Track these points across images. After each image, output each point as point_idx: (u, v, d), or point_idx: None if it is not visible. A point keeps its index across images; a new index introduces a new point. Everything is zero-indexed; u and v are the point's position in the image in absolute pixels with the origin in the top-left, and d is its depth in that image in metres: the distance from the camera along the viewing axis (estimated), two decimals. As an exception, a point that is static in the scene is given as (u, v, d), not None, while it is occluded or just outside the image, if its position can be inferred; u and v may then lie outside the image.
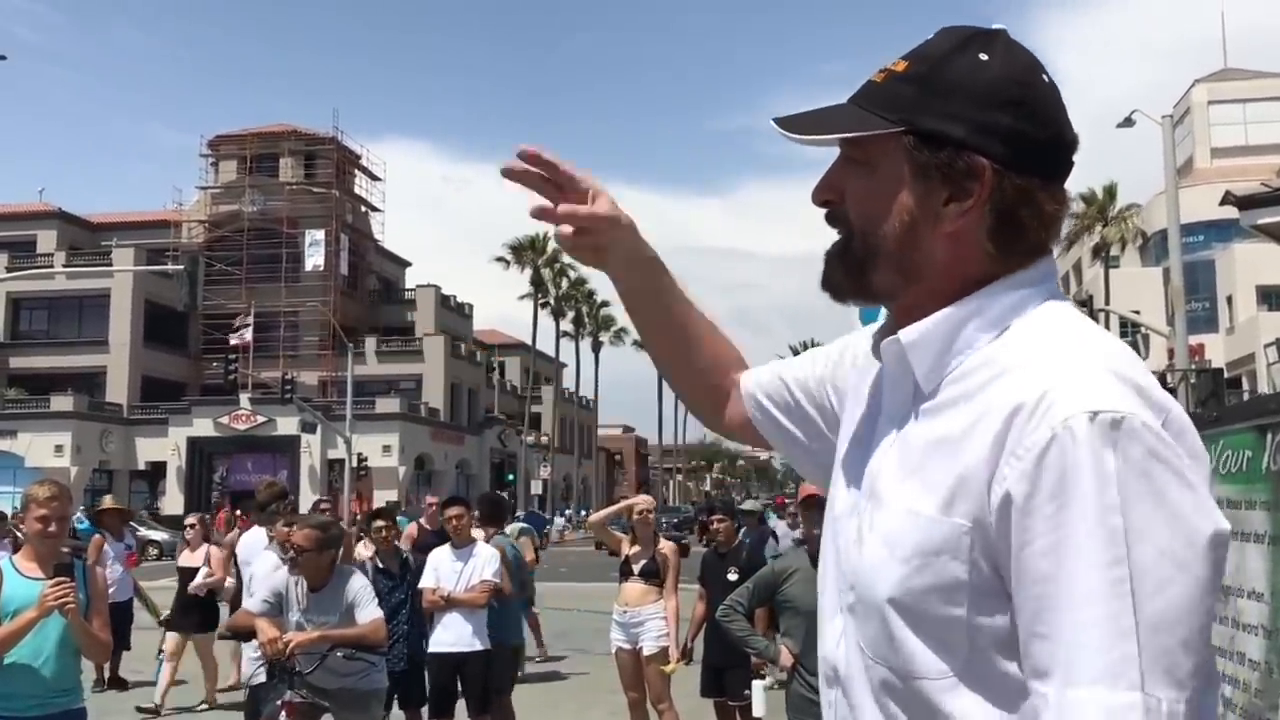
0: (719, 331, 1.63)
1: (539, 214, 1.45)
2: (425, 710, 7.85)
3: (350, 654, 5.17)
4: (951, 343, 1.19)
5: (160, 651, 10.50)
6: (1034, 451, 1.04)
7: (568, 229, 1.42)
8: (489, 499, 10.25)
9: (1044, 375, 1.08)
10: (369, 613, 5.25)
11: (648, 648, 7.86)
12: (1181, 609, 0.98)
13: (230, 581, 10.63)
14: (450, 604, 7.43)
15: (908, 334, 1.21)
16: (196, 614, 10.61)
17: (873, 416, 1.31)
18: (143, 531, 39.82)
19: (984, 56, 1.20)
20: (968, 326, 1.18)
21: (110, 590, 9.08)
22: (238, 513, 18.03)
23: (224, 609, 13.18)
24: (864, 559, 1.19)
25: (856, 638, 1.21)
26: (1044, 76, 1.22)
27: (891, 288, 1.25)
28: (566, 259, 65.55)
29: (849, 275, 1.27)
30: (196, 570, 10.65)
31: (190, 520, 11.69)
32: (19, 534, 10.16)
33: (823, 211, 1.30)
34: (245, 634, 5.37)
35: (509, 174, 1.44)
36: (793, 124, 1.24)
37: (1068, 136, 1.22)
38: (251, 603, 5.54)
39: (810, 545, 5.39)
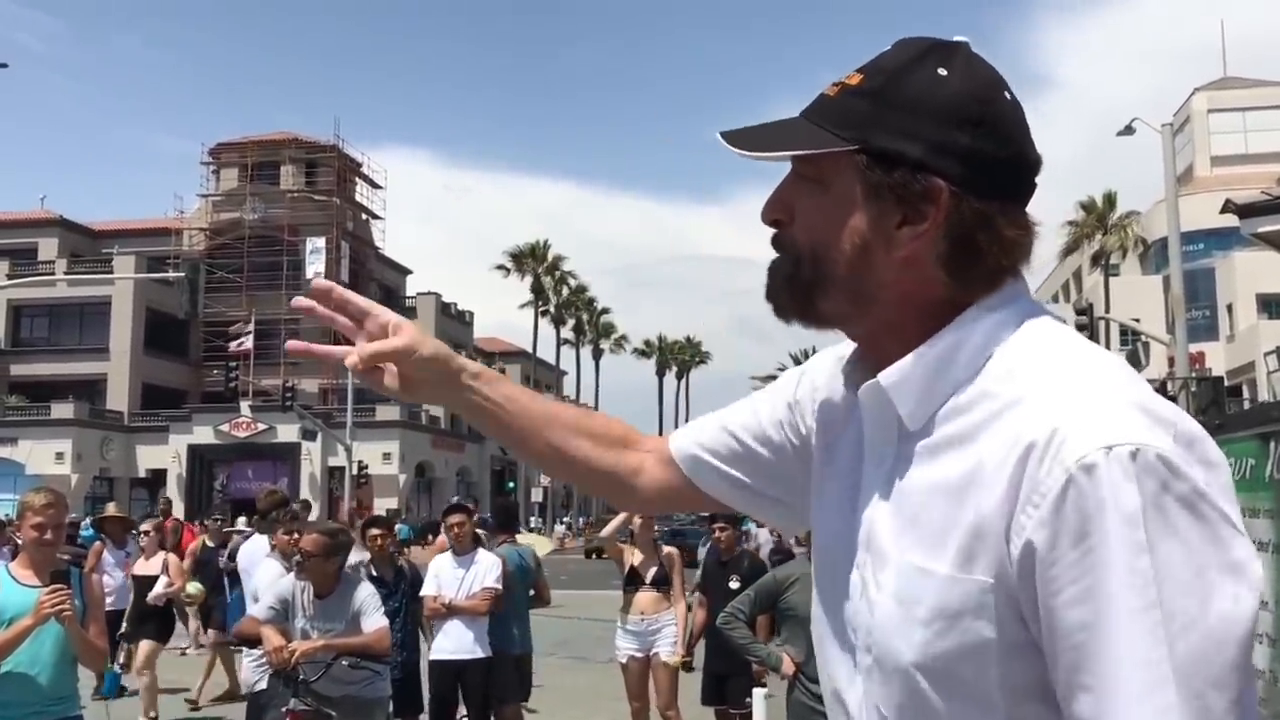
0: (599, 418, 1.56)
1: (303, 353, 1.42)
2: (421, 719, 7.82)
3: (355, 663, 5.16)
4: (936, 378, 1.13)
5: (123, 666, 10.38)
6: (1051, 496, 0.99)
7: (356, 360, 1.36)
8: (501, 506, 10.27)
9: (1050, 411, 1.03)
10: (374, 621, 5.24)
11: (664, 653, 7.93)
12: (1210, 646, 0.95)
13: (194, 588, 10.61)
14: (451, 611, 7.42)
15: (888, 376, 1.14)
16: (154, 623, 10.51)
17: (851, 455, 1.25)
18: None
19: (943, 71, 1.13)
20: (952, 361, 1.13)
21: (110, 598, 9.07)
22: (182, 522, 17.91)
23: (191, 618, 13.15)
24: (876, 620, 1.13)
25: (875, 700, 1.14)
26: (1006, 94, 1.15)
27: (841, 315, 1.21)
28: (567, 266, 65.75)
29: (795, 298, 1.21)
30: (152, 579, 10.49)
31: (145, 527, 11.56)
32: (19, 541, 10.13)
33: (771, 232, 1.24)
34: (252, 641, 5.36)
35: (299, 307, 1.42)
36: (742, 139, 1.19)
37: (1030, 157, 1.16)
38: (257, 609, 5.53)
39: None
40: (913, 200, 1.11)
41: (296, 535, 6.43)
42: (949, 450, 1.10)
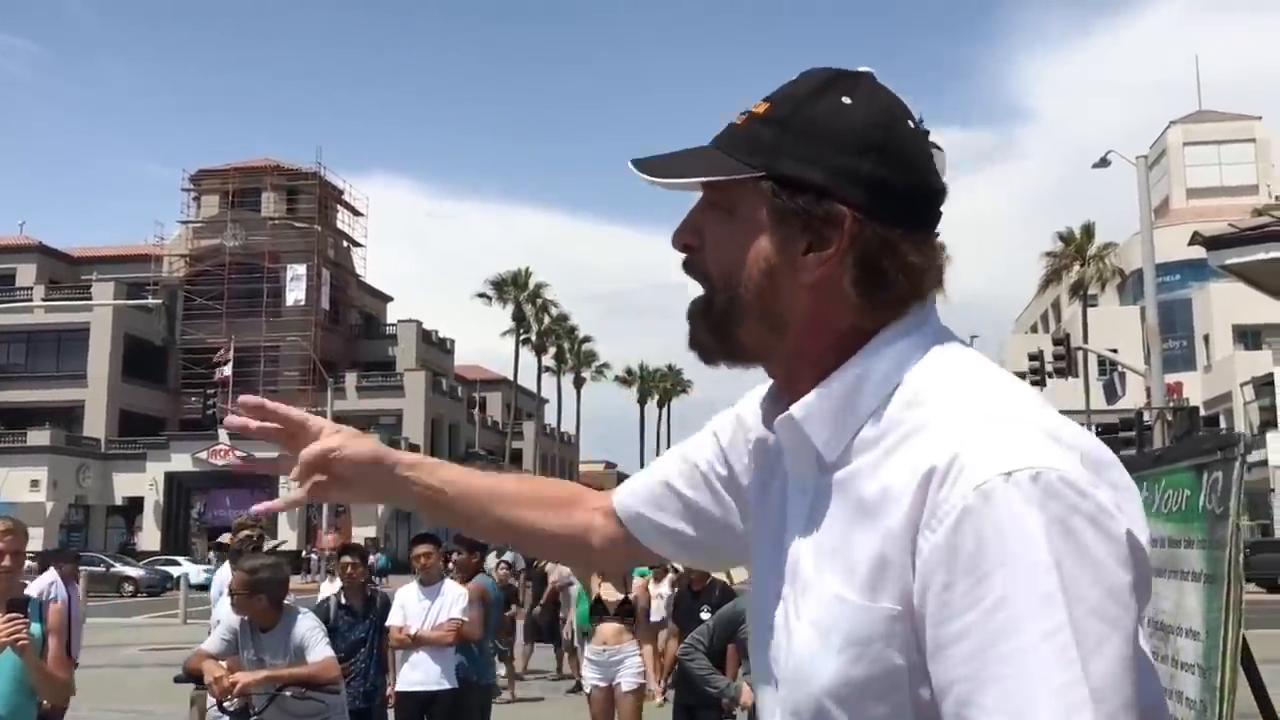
0: (542, 484, 1.58)
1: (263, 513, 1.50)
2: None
3: (300, 693, 5.14)
4: (846, 409, 1.12)
5: None
6: (948, 522, 0.98)
7: (295, 474, 1.40)
8: (467, 538, 10.15)
9: (951, 436, 1.02)
10: (319, 653, 5.22)
11: (626, 684, 7.90)
12: (1121, 668, 0.94)
13: None
14: (417, 642, 7.38)
15: (799, 409, 1.14)
16: None
17: (780, 491, 1.24)
18: (117, 567, 39.45)
19: (847, 100, 1.15)
20: (861, 390, 1.12)
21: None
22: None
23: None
24: (794, 650, 1.12)
25: None
26: (909, 122, 1.17)
27: (759, 344, 1.20)
28: (549, 294, 65.83)
29: (713, 332, 1.21)
30: None
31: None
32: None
33: (681, 257, 1.25)
34: (200, 677, 5.31)
35: (232, 426, 1.45)
36: (652, 167, 1.20)
37: (933, 185, 1.17)
38: (209, 641, 5.53)
39: None
40: (817, 226, 1.12)
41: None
42: (858, 479, 1.09)
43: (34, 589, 8.31)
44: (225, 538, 10.54)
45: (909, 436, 1.07)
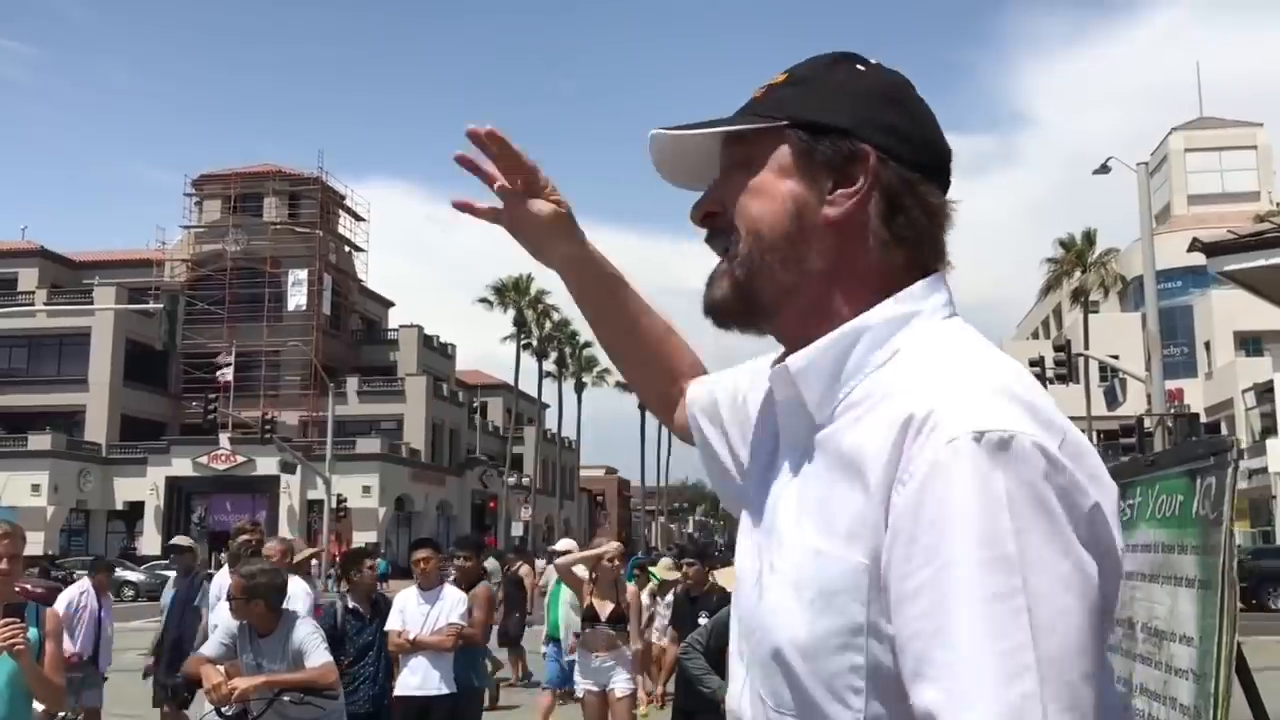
0: (675, 337, 1.62)
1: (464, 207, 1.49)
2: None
3: (298, 698, 5.13)
4: (841, 366, 1.13)
5: None
6: (918, 476, 0.98)
7: (505, 201, 1.45)
8: (468, 541, 10.21)
9: (931, 394, 1.02)
10: (317, 658, 5.21)
11: (619, 690, 7.94)
12: (1081, 639, 0.93)
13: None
14: (416, 647, 7.38)
15: (795, 361, 1.16)
16: None
17: (773, 448, 1.25)
18: (119, 572, 39.50)
19: (861, 68, 1.22)
20: (857, 348, 1.13)
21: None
22: None
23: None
24: (764, 603, 1.13)
25: (758, 688, 1.14)
26: (917, 93, 1.24)
27: (780, 293, 1.20)
28: (550, 300, 65.77)
29: (735, 286, 1.21)
30: None
31: None
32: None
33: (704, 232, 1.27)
34: (199, 681, 5.30)
35: (461, 163, 1.45)
36: (675, 130, 1.23)
37: (943, 144, 1.22)
38: (207, 646, 5.52)
39: None
40: (842, 164, 1.16)
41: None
42: (843, 437, 1.10)
43: (63, 600, 8.32)
44: (180, 539, 10.56)
45: (890, 396, 1.07)
